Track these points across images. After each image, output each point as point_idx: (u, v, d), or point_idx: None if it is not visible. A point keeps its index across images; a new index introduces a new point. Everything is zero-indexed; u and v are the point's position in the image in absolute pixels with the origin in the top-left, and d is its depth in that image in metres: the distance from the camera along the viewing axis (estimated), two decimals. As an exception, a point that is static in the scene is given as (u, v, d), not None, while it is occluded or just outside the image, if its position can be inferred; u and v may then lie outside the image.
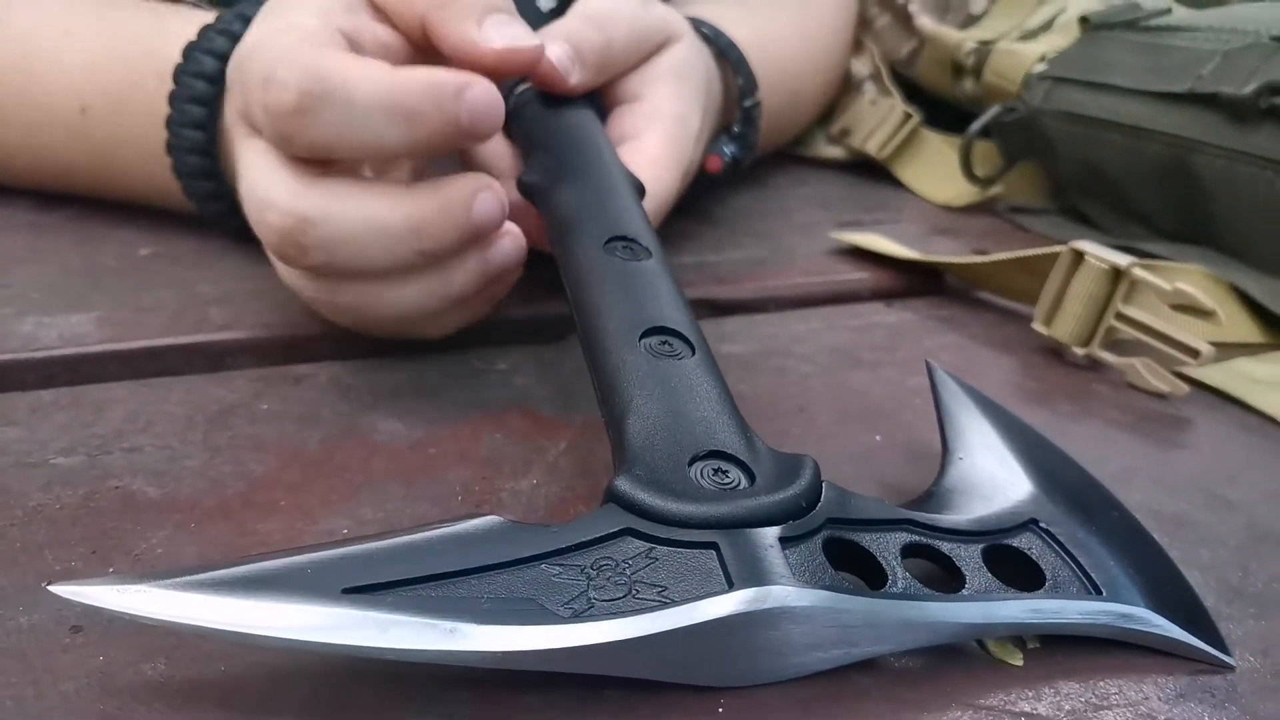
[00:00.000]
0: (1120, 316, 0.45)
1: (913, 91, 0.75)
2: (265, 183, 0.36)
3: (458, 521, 0.27)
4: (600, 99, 0.47)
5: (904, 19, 0.76)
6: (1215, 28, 0.57)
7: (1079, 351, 0.46)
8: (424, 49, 0.39)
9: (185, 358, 0.42)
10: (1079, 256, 0.46)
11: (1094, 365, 0.46)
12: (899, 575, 0.28)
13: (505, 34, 0.37)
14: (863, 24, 0.81)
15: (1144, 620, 0.29)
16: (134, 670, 0.26)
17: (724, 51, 0.56)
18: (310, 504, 0.33)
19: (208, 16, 0.48)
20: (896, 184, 0.70)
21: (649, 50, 0.47)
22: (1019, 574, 0.30)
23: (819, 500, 0.29)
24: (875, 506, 0.30)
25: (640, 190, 0.40)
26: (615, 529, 0.27)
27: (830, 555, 0.28)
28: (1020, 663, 0.29)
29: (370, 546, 0.26)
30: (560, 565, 0.26)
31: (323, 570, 0.25)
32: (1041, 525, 0.31)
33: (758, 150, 0.60)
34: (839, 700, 0.27)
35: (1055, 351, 0.47)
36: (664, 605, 0.25)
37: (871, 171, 0.71)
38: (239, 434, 0.37)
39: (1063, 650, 0.29)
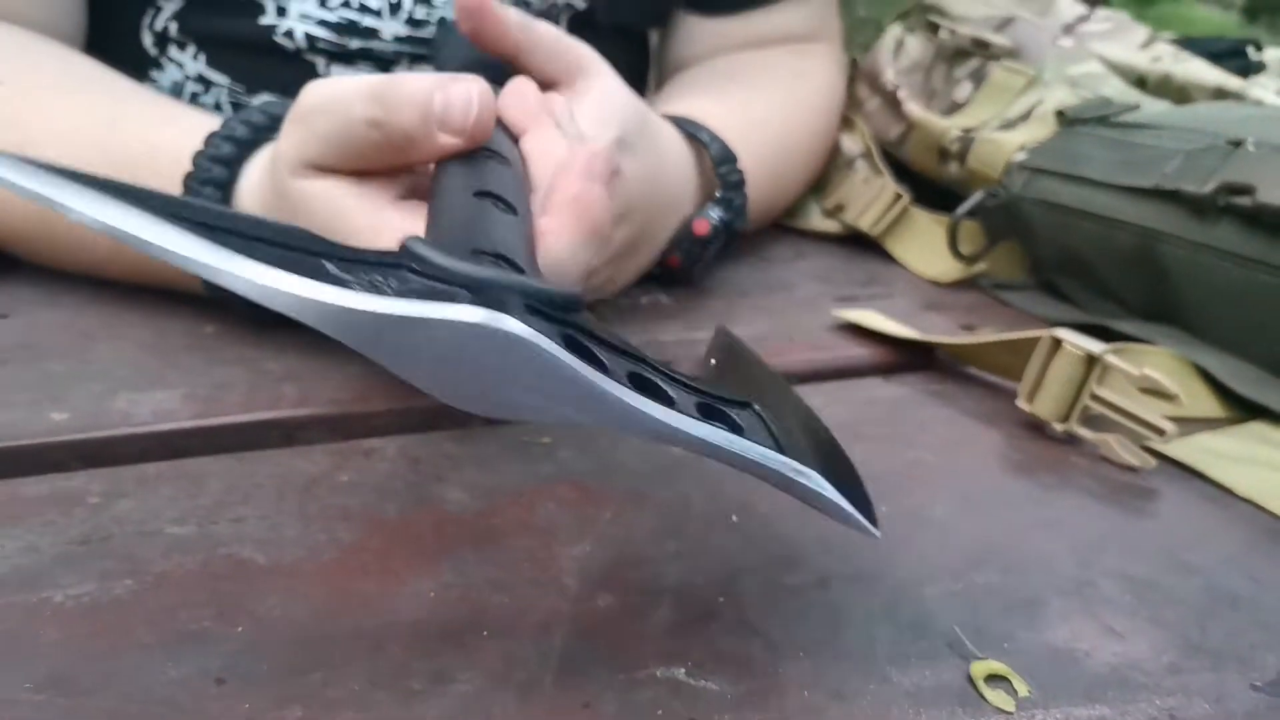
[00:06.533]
0: (1094, 397, 0.50)
1: (903, 169, 0.81)
2: None
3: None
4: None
5: (893, 103, 0.82)
6: (1179, 127, 0.63)
7: (1058, 427, 0.51)
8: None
9: (263, 432, 0.47)
10: (1057, 343, 0.51)
11: (1072, 439, 0.51)
12: (620, 378, 0.30)
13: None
14: (854, 104, 0.87)
15: (815, 480, 0.32)
16: (275, 716, 0.31)
17: (693, 133, 0.63)
18: (397, 567, 0.38)
19: (210, 122, 0.51)
20: (889, 257, 0.76)
21: (567, 59, 0.52)
22: (724, 428, 0.32)
23: (578, 311, 0.32)
24: (624, 340, 0.33)
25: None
26: (395, 261, 0.31)
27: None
28: (1012, 709, 0.34)
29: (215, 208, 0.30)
30: (337, 264, 0.30)
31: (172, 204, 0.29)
32: (756, 409, 0.34)
33: (748, 217, 0.66)
34: None
35: (1037, 426, 0.53)
36: (414, 297, 0.29)
37: (866, 244, 0.77)
38: (326, 504, 0.42)
39: (1058, 705, 0.34)
